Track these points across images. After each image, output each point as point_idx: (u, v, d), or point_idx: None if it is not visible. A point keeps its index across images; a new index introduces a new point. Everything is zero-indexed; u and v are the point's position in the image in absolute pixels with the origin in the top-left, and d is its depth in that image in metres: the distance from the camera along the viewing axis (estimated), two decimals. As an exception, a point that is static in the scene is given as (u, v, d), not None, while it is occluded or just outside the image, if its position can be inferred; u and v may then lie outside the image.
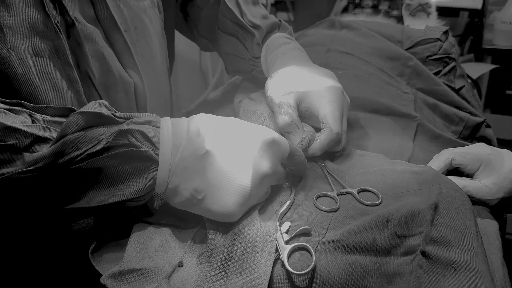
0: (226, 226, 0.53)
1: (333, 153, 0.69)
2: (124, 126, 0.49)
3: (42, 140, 0.48)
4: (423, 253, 0.49)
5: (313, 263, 0.48)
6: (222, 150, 0.51)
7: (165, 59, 0.82)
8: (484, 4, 1.88)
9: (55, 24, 0.58)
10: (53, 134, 0.48)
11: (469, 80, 1.11)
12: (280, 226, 0.54)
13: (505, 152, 0.68)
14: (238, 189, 0.51)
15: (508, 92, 1.91)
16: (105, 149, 0.48)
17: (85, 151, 0.47)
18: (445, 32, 1.00)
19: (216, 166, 0.50)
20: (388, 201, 0.57)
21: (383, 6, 1.96)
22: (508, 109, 1.83)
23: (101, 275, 0.51)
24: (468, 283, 0.46)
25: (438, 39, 0.97)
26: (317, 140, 0.65)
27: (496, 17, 1.87)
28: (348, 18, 1.18)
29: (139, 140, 0.49)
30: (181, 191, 0.51)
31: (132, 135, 0.49)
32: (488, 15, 1.94)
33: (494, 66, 1.33)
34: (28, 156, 0.46)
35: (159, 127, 0.51)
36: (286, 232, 0.54)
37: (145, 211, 0.58)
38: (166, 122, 0.52)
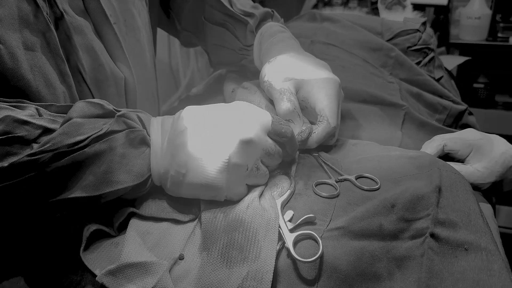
0: (226, 213, 0.51)
1: (326, 145, 0.69)
2: (121, 112, 0.52)
3: (50, 132, 0.48)
4: (433, 235, 0.49)
5: (320, 250, 0.47)
6: (200, 124, 0.52)
7: (152, 54, 0.80)
8: (449, 1, 1.93)
9: (46, 15, 0.55)
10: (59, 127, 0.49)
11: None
12: (283, 214, 0.53)
13: (493, 137, 0.69)
14: (217, 155, 0.51)
15: (475, 85, 1.96)
16: (105, 135, 0.50)
17: (88, 137, 0.48)
18: (423, 23, 1.01)
19: (194, 139, 0.51)
20: (387, 186, 0.57)
21: (353, 4, 1.98)
22: (475, 101, 1.89)
23: (95, 275, 0.48)
24: (481, 262, 0.46)
25: (418, 30, 0.98)
26: (314, 133, 0.64)
27: (462, 12, 1.93)
28: (326, 12, 1.18)
29: (135, 121, 0.53)
30: (170, 172, 0.52)
31: (129, 118, 0.52)
32: (454, 11, 1.99)
33: (467, 58, 1.36)
34: (37, 146, 0.46)
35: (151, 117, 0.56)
36: (290, 221, 0.53)
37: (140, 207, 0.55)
38: (156, 118, 0.56)
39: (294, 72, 0.67)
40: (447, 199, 0.52)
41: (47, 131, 0.48)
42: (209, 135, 0.51)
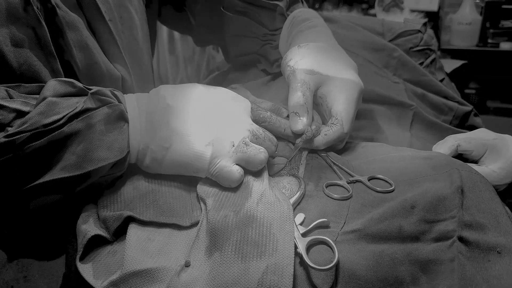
0: (236, 211, 0.48)
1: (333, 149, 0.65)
2: (94, 90, 0.50)
3: (24, 114, 0.46)
4: (461, 239, 0.46)
5: (336, 257, 0.44)
6: (183, 103, 0.53)
7: (149, 53, 0.76)
8: (440, 7, 1.94)
9: (36, 10, 0.51)
10: (32, 109, 0.47)
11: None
12: (294, 217, 0.49)
13: (507, 137, 0.66)
14: (203, 130, 0.52)
15: (466, 91, 1.96)
16: (81, 113, 0.48)
17: (64, 115, 0.47)
18: (424, 24, 0.99)
19: (179, 117, 0.52)
20: (403, 187, 0.53)
21: (343, 11, 1.98)
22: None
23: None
24: None
25: (419, 31, 0.96)
26: (325, 135, 0.60)
27: (453, 18, 1.93)
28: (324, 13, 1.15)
29: (110, 97, 0.51)
30: (150, 147, 0.51)
31: (103, 95, 0.50)
32: (445, 17, 2.00)
33: (463, 61, 1.35)
34: (12, 129, 0.45)
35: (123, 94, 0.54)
36: (301, 224, 0.49)
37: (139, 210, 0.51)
38: (129, 94, 0.55)
39: (321, 66, 0.63)
40: (471, 200, 0.49)
41: (21, 114, 0.46)
42: (194, 113, 0.52)
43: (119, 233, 0.50)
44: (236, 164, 0.52)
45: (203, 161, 0.51)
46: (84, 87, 0.50)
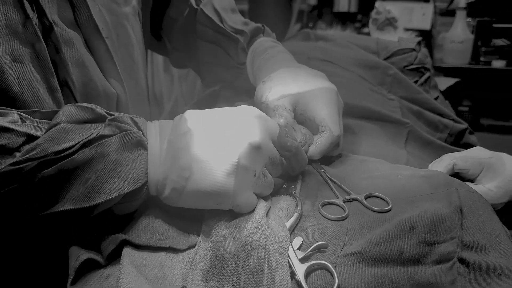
0: (235, 236, 0.47)
1: (331, 158, 0.65)
2: (113, 116, 0.47)
3: (35, 139, 0.44)
4: (461, 260, 0.45)
5: (336, 283, 0.43)
6: (206, 126, 0.49)
7: (145, 71, 0.76)
8: (432, 25, 1.96)
9: (35, 26, 0.51)
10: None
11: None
12: (291, 241, 0.48)
13: (503, 155, 0.66)
14: (225, 157, 0.46)
15: (460, 108, 1.97)
16: (96, 140, 0.45)
17: (77, 143, 0.44)
18: (418, 43, 1.00)
19: (200, 141, 0.47)
20: (401, 206, 0.52)
21: (337, 30, 2.00)
22: (461, 125, 1.89)
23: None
24: None
25: (413, 49, 0.97)
26: (316, 143, 0.61)
27: (445, 37, 1.95)
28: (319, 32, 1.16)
29: (129, 124, 0.48)
30: (170, 177, 0.47)
31: (122, 122, 0.47)
32: (437, 36, 2.02)
33: (456, 79, 1.36)
34: (20, 154, 0.42)
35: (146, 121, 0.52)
36: (299, 249, 0.48)
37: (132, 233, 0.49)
38: (153, 122, 0.52)
39: (288, 88, 0.64)
40: (470, 221, 0.48)
41: (31, 138, 0.43)
42: (216, 137, 0.48)
43: (112, 255, 0.48)
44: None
45: (226, 196, 0.47)
46: (106, 113, 0.48)
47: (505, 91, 1.97)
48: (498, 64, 1.93)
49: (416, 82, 0.95)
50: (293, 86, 0.64)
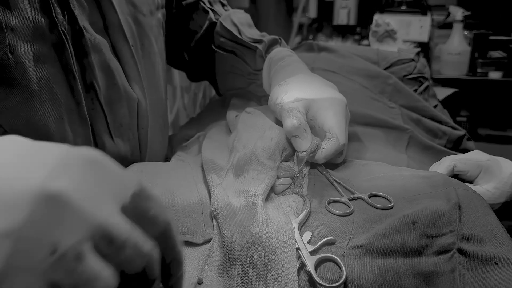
0: (242, 232, 0.49)
1: (334, 164, 0.68)
2: None
3: None
4: (460, 251, 0.48)
5: (344, 275, 0.46)
6: None
7: (166, 80, 0.80)
8: (430, 38, 2.01)
9: (62, 30, 0.54)
10: None
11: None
12: (302, 236, 0.51)
13: (500, 158, 0.70)
14: None
15: (458, 118, 2.02)
16: None
17: None
18: (418, 53, 1.04)
19: None
20: (402, 204, 0.56)
21: (337, 42, 2.04)
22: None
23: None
24: None
25: (412, 60, 1.01)
26: (323, 148, 0.64)
27: (442, 49, 2.00)
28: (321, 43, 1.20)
29: None
30: None
31: None
32: (434, 48, 2.07)
33: (454, 89, 1.40)
34: None
35: None
36: (309, 242, 0.51)
37: None
38: None
39: (303, 93, 0.68)
40: (468, 215, 0.52)
41: None
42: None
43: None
44: None
45: None
46: None
47: (502, 101, 2.02)
48: (494, 75, 1.97)
49: (415, 90, 0.99)
50: (308, 92, 0.68)
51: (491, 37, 1.99)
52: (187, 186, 0.61)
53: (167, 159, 0.81)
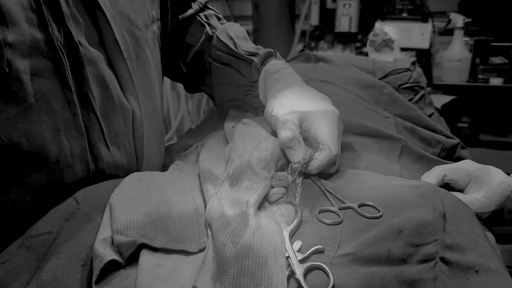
0: (234, 241, 0.51)
1: (328, 174, 0.70)
2: None
3: None
4: (442, 260, 0.50)
5: (331, 282, 0.48)
6: None
7: (161, 92, 0.83)
8: (431, 44, 2.02)
9: (58, 46, 0.57)
10: None
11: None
12: (292, 244, 0.53)
13: (490, 167, 0.71)
14: None
15: (459, 124, 2.02)
16: None
17: None
18: (413, 63, 1.05)
19: None
20: (390, 213, 0.58)
21: (338, 49, 2.06)
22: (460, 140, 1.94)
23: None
24: (493, 283, 0.47)
25: (408, 69, 1.02)
26: (316, 159, 0.66)
27: (443, 55, 2.01)
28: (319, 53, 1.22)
29: None
30: None
31: None
32: (435, 54, 2.08)
33: (453, 97, 1.42)
34: None
35: None
36: (299, 251, 0.53)
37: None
38: None
39: (298, 105, 0.70)
40: (452, 225, 0.54)
41: None
42: None
43: (131, 257, 0.54)
44: None
45: None
46: None
47: (503, 107, 2.02)
48: (495, 81, 1.98)
49: (411, 100, 1.00)
50: (302, 104, 0.70)
51: (493, 44, 2.00)
52: (183, 196, 0.63)
53: (164, 167, 0.84)
